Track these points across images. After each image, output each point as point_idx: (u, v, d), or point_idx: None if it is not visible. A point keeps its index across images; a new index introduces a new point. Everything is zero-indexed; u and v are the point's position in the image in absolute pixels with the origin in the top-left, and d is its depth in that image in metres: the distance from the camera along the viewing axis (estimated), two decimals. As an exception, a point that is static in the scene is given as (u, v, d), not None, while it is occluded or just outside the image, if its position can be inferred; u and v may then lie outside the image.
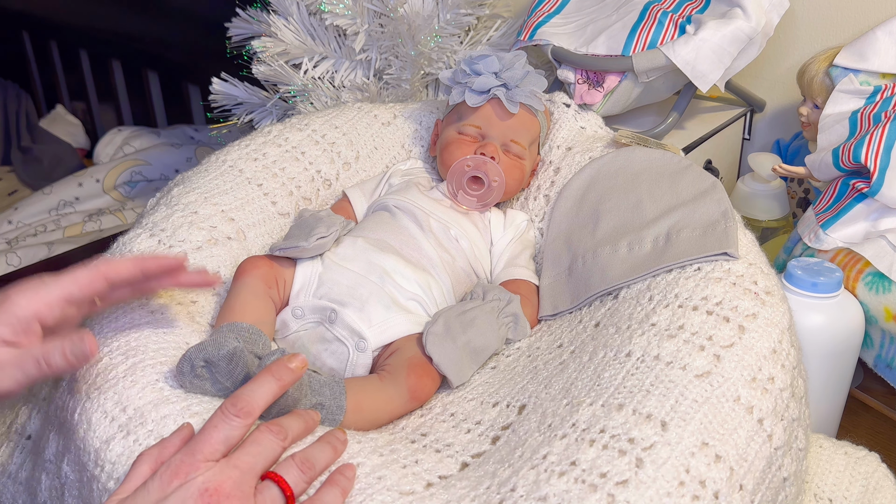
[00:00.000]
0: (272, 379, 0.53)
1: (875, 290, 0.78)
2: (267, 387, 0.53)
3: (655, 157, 0.85)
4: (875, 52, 0.90)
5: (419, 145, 1.00)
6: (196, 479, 0.48)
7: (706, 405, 0.56)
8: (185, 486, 0.48)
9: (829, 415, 0.80)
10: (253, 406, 0.52)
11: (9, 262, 1.53)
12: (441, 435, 0.64)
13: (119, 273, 0.61)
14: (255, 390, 0.52)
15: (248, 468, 0.50)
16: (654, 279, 0.71)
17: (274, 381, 0.53)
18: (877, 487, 0.71)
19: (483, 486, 0.55)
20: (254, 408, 0.52)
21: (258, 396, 0.52)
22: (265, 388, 0.53)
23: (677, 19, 0.97)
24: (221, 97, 1.26)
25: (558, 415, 0.60)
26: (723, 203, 0.75)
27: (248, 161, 0.88)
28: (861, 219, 0.83)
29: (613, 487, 0.51)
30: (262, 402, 0.53)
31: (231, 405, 0.51)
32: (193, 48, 1.89)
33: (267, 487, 0.50)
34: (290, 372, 0.54)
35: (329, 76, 1.18)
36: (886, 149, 0.81)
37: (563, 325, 0.77)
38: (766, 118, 1.16)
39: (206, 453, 0.50)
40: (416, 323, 0.75)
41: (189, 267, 0.65)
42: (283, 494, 0.51)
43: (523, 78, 0.88)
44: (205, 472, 0.49)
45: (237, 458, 0.50)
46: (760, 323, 0.63)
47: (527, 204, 0.93)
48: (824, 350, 0.76)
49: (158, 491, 0.48)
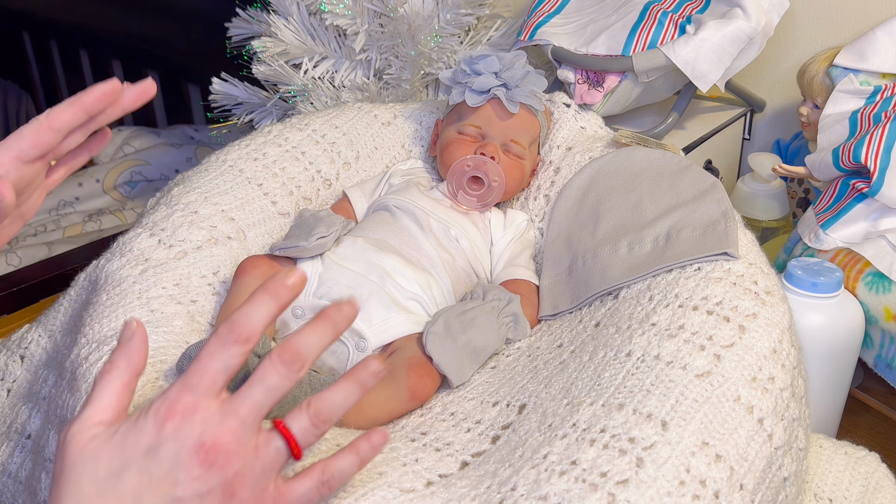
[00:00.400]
0: (269, 299, 0.46)
1: (875, 290, 0.78)
2: (265, 307, 0.46)
3: (655, 157, 0.85)
4: (875, 52, 0.90)
5: (419, 145, 1.00)
6: (192, 428, 0.44)
7: (706, 405, 0.56)
8: (180, 434, 0.44)
9: (829, 415, 0.80)
10: (252, 330, 0.46)
11: (9, 263, 1.53)
12: (441, 434, 0.64)
13: (62, 119, 0.58)
14: (252, 312, 0.46)
15: (251, 416, 0.45)
16: (655, 279, 0.71)
17: (272, 301, 0.46)
18: (877, 487, 0.71)
19: (483, 486, 0.55)
20: (253, 332, 0.46)
21: (256, 319, 0.46)
22: (263, 309, 0.46)
23: (677, 19, 0.97)
24: (221, 97, 1.26)
25: (559, 414, 0.60)
26: (723, 203, 0.75)
27: (248, 161, 0.88)
28: (861, 219, 0.83)
29: (614, 487, 0.51)
30: (261, 324, 0.46)
31: (227, 331, 0.45)
32: (193, 48, 1.89)
33: (271, 439, 0.46)
34: (288, 290, 0.47)
35: (329, 76, 1.18)
36: (886, 149, 0.81)
37: (563, 324, 0.77)
38: (766, 118, 1.16)
39: (203, 387, 0.45)
40: (416, 323, 0.75)
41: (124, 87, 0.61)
42: (287, 448, 0.46)
43: (523, 78, 0.88)
44: (202, 420, 0.44)
45: (239, 403, 0.45)
46: (761, 323, 0.63)
47: (527, 204, 0.93)
48: (824, 350, 0.76)
49: (152, 432, 0.44)
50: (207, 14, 1.61)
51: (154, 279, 0.74)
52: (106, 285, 0.74)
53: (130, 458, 0.44)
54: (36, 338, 0.81)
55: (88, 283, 0.80)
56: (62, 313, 0.81)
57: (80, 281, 0.81)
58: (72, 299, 0.81)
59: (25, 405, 0.75)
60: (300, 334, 0.46)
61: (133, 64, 2.15)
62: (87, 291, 0.79)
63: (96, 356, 0.65)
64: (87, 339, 0.68)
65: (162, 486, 0.43)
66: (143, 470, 0.43)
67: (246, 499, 0.45)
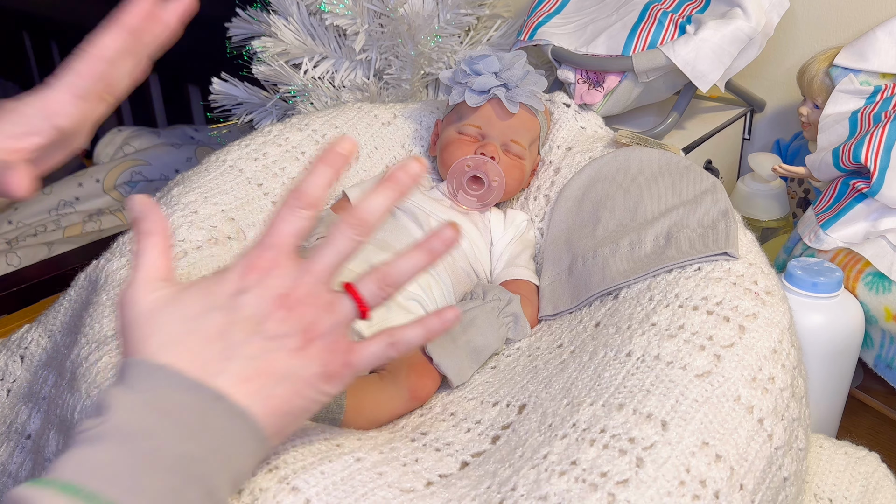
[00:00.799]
0: (326, 167, 0.49)
1: (875, 290, 0.78)
2: (324, 175, 0.49)
3: (655, 157, 0.85)
4: (875, 52, 0.90)
5: (419, 145, 1.00)
6: (272, 280, 0.47)
7: (706, 405, 0.56)
8: (262, 284, 0.47)
9: (829, 415, 0.80)
10: (317, 196, 0.49)
11: (9, 262, 1.53)
12: (441, 434, 0.64)
13: (110, 46, 0.57)
14: (313, 180, 0.49)
15: (323, 274, 0.48)
16: (655, 279, 0.71)
17: (329, 168, 0.49)
18: (877, 487, 0.71)
19: (483, 486, 0.55)
20: (317, 196, 0.49)
21: (318, 185, 0.49)
22: (323, 176, 0.49)
23: (677, 19, 0.97)
24: (221, 97, 1.26)
25: (559, 414, 0.60)
26: (723, 203, 0.75)
27: (248, 161, 0.88)
28: (861, 219, 0.83)
29: (614, 487, 0.51)
30: (323, 189, 0.49)
31: (294, 199, 0.49)
32: (193, 48, 1.89)
33: (340, 300, 0.49)
34: (341, 157, 0.50)
35: (329, 76, 1.18)
36: (886, 149, 0.81)
37: (563, 324, 0.77)
38: (766, 118, 1.16)
39: (279, 245, 0.48)
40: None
41: None
42: (357, 309, 0.49)
43: (523, 78, 0.88)
44: (281, 275, 0.47)
45: (312, 263, 0.48)
46: (761, 323, 0.63)
47: (527, 204, 0.93)
48: (824, 350, 0.76)
49: (235, 281, 0.47)
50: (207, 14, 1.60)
51: (154, 279, 0.73)
52: (106, 285, 0.74)
53: (216, 301, 0.46)
54: (36, 338, 0.81)
55: (88, 283, 0.80)
56: (62, 313, 0.82)
57: (80, 281, 0.81)
58: (72, 299, 0.81)
59: (25, 405, 0.75)
60: (366, 200, 0.49)
61: (133, 64, 2.14)
62: (87, 291, 0.79)
63: (96, 356, 0.65)
64: (87, 339, 0.68)
65: (247, 324, 0.46)
66: (229, 310, 0.46)
67: (321, 347, 0.47)
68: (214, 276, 0.48)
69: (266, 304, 0.47)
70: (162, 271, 0.48)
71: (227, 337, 0.46)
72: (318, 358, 0.47)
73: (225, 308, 0.46)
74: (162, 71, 2.05)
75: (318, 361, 0.47)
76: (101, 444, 0.41)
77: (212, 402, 0.44)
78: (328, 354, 0.48)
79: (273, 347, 0.46)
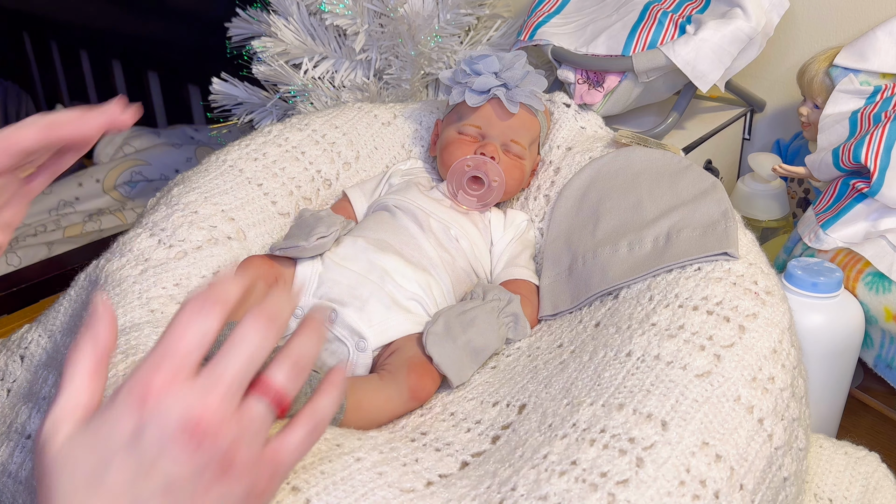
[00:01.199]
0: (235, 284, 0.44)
1: (875, 290, 0.78)
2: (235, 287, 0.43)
3: (655, 157, 0.85)
4: (875, 52, 0.90)
5: (419, 145, 1.00)
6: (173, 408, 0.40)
7: (706, 405, 0.56)
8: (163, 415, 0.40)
9: (829, 415, 0.80)
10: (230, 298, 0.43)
11: (9, 263, 1.53)
12: (441, 434, 0.64)
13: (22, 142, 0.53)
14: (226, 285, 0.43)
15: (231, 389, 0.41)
16: (655, 279, 0.71)
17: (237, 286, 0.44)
18: (877, 487, 0.71)
19: (484, 486, 0.55)
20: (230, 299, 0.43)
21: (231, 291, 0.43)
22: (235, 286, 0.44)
23: (677, 19, 0.97)
24: (221, 97, 1.26)
25: (559, 414, 0.60)
26: (723, 203, 0.75)
27: (248, 161, 0.88)
28: (861, 219, 0.83)
29: (614, 487, 0.51)
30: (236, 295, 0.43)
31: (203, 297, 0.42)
32: (194, 48, 1.89)
33: (253, 408, 0.42)
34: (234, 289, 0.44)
35: (329, 76, 1.18)
36: (886, 149, 0.81)
37: (563, 324, 0.77)
38: (766, 118, 1.16)
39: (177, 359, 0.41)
40: (416, 323, 0.75)
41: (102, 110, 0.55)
42: (272, 409, 0.43)
43: (523, 78, 0.88)
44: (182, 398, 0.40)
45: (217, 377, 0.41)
46: (761, 323, 0.63)
47: (527, 204, 0.93)
48: (824, 350, 0.76)
49: (136, 416, 0.40)
50: (207, 14, 1.61)
51: (154, 279, 0.74)
52: (106, 285, 0.74)
53: (111, 449, 0.40)
54: (36, 338, 0.81)
55: (88, 283, 0.80)
56: (62, 313, 0.81)
57: (80, 281, 0.81)
58: (72, 299, 0.81)
59: (25, 405, 0.75)
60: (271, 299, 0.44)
61: (133, 64, 2.14)
62: (87, 291, 0.79)
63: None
64: (87, 339, 0.68)
65: (153, 472, 0.40)
66: (129, 459, 0.40)
67: (242, 468, 0.42)
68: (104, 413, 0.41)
69: (171, 439, 0.40)
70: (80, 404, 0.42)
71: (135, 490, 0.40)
72: (240, 481, 0.42)
73: (124, 457, 0.40)
74: (162, 71, 2.06)
75: (242, 484, 0.42)
76: None
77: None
78: (251, 473, 0.42)
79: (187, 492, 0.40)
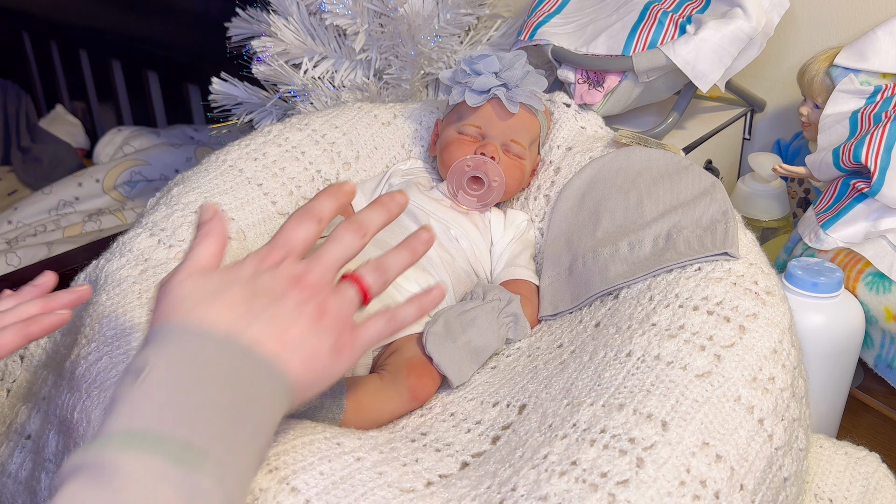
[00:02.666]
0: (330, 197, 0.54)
1: (875, 290, 0.78)
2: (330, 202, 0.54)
3: (655, 157, 0.85)
4: (875, 52, 0.90)
5: (419, 145, 1.00)
6: (285, 268, 0.51)
7: (707, 405, 0.56)
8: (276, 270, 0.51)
9: (829, 415, 0.80)
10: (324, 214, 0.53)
11: (9, 263, 1.53)
12: (441, 434, 0.64)
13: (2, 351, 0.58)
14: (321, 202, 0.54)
15: (329, 265, 0.52)
16: (655, 279, 0.71)
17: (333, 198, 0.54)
18: (877, 487, 0.71)
19: (484, 486, 0.55)
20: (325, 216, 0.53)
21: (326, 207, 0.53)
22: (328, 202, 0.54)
23: (677, 19, 0.97)
24: (221, 97, 1.26)
25: (559, 415, 0.60)
26: (723, 203, 0.75)
27: (248, 161, 0.88)
28: (861, 219, 0.83)
29: (614, 487, 0.51)
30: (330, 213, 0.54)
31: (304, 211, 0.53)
32: (193, 48, 1.89)
33: (346, 287, 0.53)
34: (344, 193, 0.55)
35: (329, 76, 1.18)
36: (887, 149, 0.81)
37: (563, 325, 0.77)
38: (766, 118, 1.16)
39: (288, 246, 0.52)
40: (416, 323, 0.75)
41: None
42: (359, 295, 0.53)
43: (523, 78, 0.88)
44: (291, 264, 0.51)
45: (319, 255, 0.52)
46: (761, 323, 0.63)
47: (527, 204, 0.93)
48: (824, 350, 0.76)
49: (254, 267, 0.51)
50: (207, 14, 1.60)
51: (154, 279, 0.74)
52: (106, 285, 0.74)
53: (233, 280, 0.50)
54: (36, 338, 0.81)
55: (88, 283, 0.79)
56: (62, 313, 0.81)
57: (79, 281, 0.81)
58: (72, 299, 0.81)
59: (25, 405, 0.75)
60: (363, 211, 0.54)
61: (133, 64, 2.14)
62: (86, 291, 0.79)
63: (96, 356, 0.65)
64: (86, 339, 0.68)
65: (266, 296, 0.49)
66: (247, 286, 0.50)
67: (332, 322, 0.51)
68: (231, 265, 0.52)
69: (282, 284, 0.50)
70: (206, 263, 0.51)
71: (250, 304, 0.49)
72: (330, 331, 0.50)
73: (243, 285, 0.50)
74: (162, 71, 2.06)
75: (330, 335, 0.50)
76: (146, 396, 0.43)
77: (241, 356, 0.47)
78: (339, 330, 0.51)
79: (292, 315, 0.49)
